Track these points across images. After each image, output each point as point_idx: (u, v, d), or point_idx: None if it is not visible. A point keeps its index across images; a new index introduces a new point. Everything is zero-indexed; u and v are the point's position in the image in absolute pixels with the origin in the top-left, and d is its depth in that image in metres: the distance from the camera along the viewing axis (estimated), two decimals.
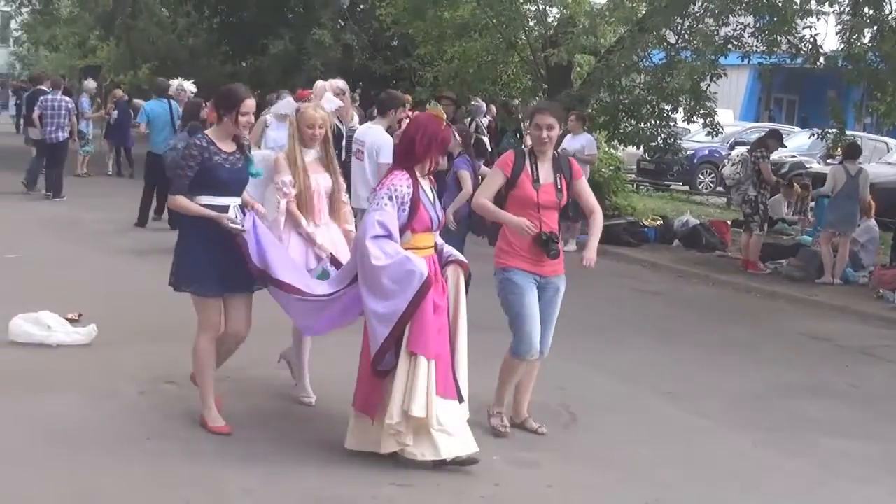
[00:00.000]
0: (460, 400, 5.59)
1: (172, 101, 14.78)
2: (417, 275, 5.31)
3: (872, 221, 14.00)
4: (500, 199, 6.15)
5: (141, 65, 33.59)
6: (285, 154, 6.47)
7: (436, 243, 5.76)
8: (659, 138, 17.14)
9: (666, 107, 16.77)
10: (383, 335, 5.36)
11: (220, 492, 5.18)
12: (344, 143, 9.90)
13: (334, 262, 6.24)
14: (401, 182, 5.52)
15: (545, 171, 6.18)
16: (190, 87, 14.21)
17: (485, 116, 17.57)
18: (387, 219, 5.41)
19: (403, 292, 5.31)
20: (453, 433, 5.48)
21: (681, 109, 16.69)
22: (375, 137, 8.58)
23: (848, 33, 14.03)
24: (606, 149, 19.32)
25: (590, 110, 16.87)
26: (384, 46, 24.24)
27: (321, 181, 6.43)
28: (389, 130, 9.23)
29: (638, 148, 18.10)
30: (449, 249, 5.85)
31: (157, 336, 7.92)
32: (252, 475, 5.35)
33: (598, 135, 17.79)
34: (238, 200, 5.86)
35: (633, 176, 23.64)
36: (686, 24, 15.81)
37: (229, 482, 5.28)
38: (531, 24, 18.10)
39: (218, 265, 5.71)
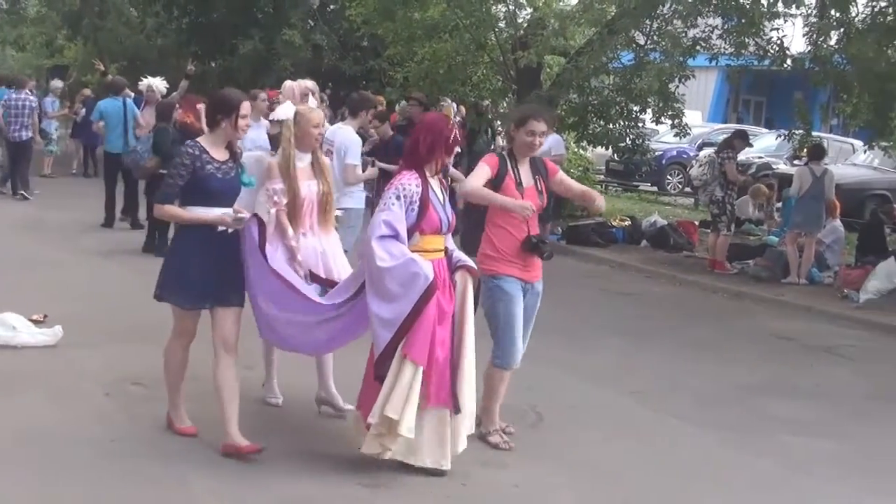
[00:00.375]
0: (456, 410, 5.45)
1: (127, 100, 14.64)
2: (422, 277, 5.20)
3: (838, 222, 14.13)
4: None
5: (109, 65, 33.33)
6: (278, 160, 6.26)
7: (446, 247, 5.63)
8: (627, 139, 17.26)
9: (634, 108, 16.89)
10: (386, 340, 5.26)
11: (188, 493, 5.16)
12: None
13: (313, 279, 6.03)
14: (409, 181, 5.42)
15: (526, 175, 6.12)
16: (161, 85, 14.02)
17: (455, 117, 17.57)
18: (393, 219, 5.29)
19: (407, 295, 5.20)
20: (430, 442, 5.42)
21: (649, 111, 16.80)
22: (344, 138, 8.55)
23: (814, 35, 14.15)
24: (575, 149, 19.40)
25: (559, 111, 16.92)
26: (354, 47, 24.19)
27: (312, 188, 6.25)
28: (360, 131, 9.21)
29: (607, 149, 18.21)
30: (459, 254, 5.69)
31: (124, 337, 7.88)
32: (219, 477, 5.33)
33: (568, 136, 17.86)
34: (230, 212, 5.62)
35: (602, 177, 23.71)
36: (655, 25, 15.88)
37: (195, 483, 5.25)
38: (501, 25, 18.14)
39: (206, 278, 5.55)
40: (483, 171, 5.98)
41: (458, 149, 5.72)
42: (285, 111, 6.36)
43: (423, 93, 16.25)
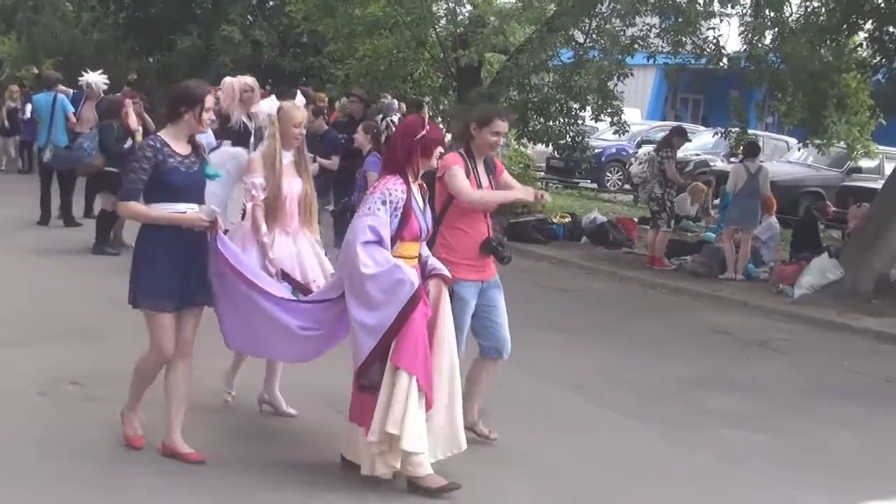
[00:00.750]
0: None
1: (59, 95, 14.38)
2: (408, 284, 5.06)
3: (774, 219, 14.36)
4: (443, 204, 5.93)
5: (44, 60, 32.81)
6: (261, 154, 6.16)
7: (420, 254, 5.47)
8: (567, 136, 17.37)
9: (574, 105, 17.00)
10: (369, 348, 5.09)
11: (128, 495, 5.09)
12: (253, 140, 9.83)
13: (285, 278, 5.91)
14: (395, 187, 5.26)
15: (483, 175, 6.05)
16: (101, 81, 13.77)
17: (395, 114, 17.56)
18: (379, 224, 5.14)
19: (392, 302, 5.05)
20: (442, 432, 5.35)
21: (589, 108, 16.92)
22: None
23: (750, 35, 14.38)
24: (516, 147, 19.49)
25: (499, 109, 16.98)
26: (294, 43, 24.10)
27: (294, 186, 6.14)
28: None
29: (547, 146, 18.31)
30: (433, 262, 5.51)
31: (60, 336, 7.75)
32: (160, 478, 5.27)
33: (508, 133, 17.92)
34: (195, 207, 5.41)
35: (543, 174, 23.85)
36: (594, 24, 16.01)
37: (135, 485, 5.18)
38: (442, 22, 18.16)
39: (176, 277, 5.36)
40: (462, 175, 5.83)
41: (440, 149, 5.54)
42: (269, 106, 6.25)
43: (363, 90, 16.22)
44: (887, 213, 12.46)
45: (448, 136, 6.36)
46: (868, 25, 13.40)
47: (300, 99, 6.62)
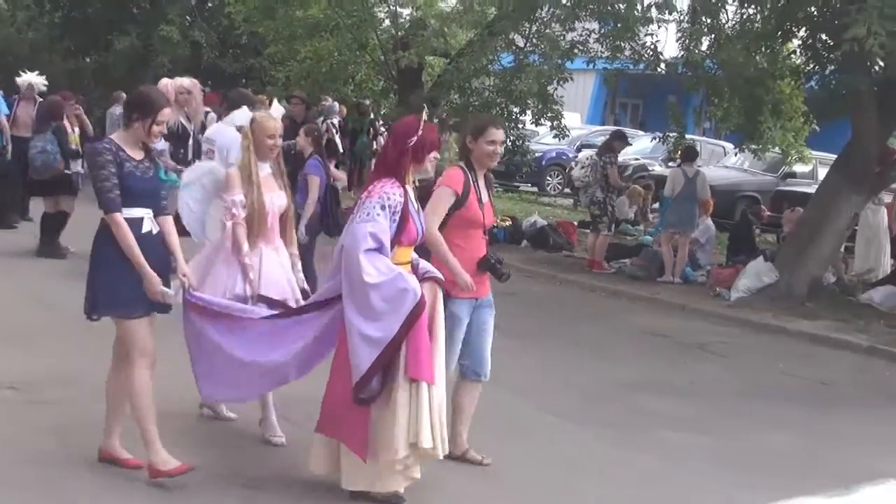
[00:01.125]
0: None
1: None
2: (411, 293, 4.89)
3: (710, 222, 14.56)
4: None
5: None
6: (238, 169, 5.90)
7: (412, 258, 5.30)
8: (508, 140, 17.44)
9: (514, 109, 17.10)
10: (371, 359, 4.87)
11: (66, 499, 5.03)
12: (192, 143, 9.75)
13: (263, 300, 5.70)
14: (393, 190, 5.06)
15: (483, 189, 5.87)
16: (40, 82, 13.52)
17: (336, 117, 17.54)
18: (379, 230, 4.93)
19: (396, 312, 4.87)
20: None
21: (529, 112, 17.03)
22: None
23: (687, 41, 14.56)
24: (457, 150, 19.52)
25: (440, 112, 17.01)
26: (234, 44, 23.91)
27: (275, 200, 5.92)
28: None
29: None
30: (425, 265, 5.32)
31: None
32: (100, 484, 5.21)
33: (449, 137, 17.95)
34: (150, 212, 5.23)
35: None
36: (534, 28, 16.12)
37: (75, 490, 5.12)
38: (383, 25, 18.16)
39: (139, 281, 5.12)
40: (443, 204, 5.63)
41: (435, 154, 5.30)
42: (242, 117, 6.01)
43: (304, 92, 16.16)
44: (820, 217, 12.70)
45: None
46: (801, 33, 13.62)
47: (276, 108, 6.34)
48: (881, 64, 11.68)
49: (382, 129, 20.44)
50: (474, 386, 6.09)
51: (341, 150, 15.68)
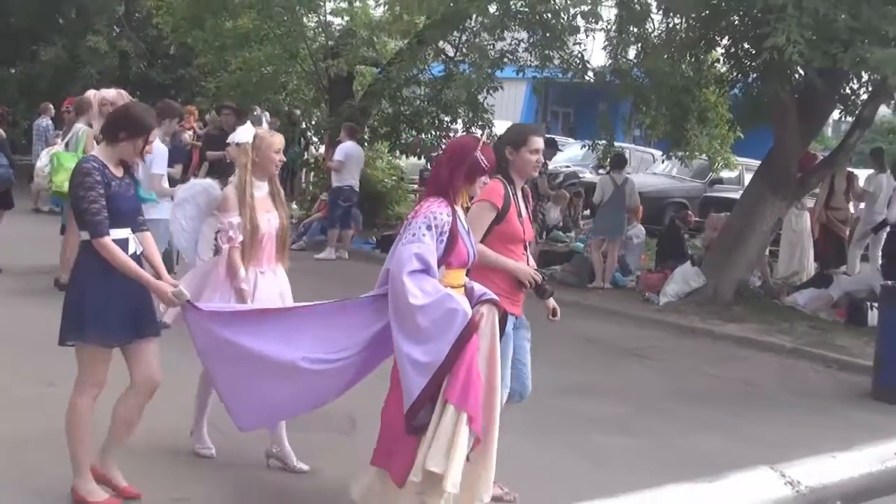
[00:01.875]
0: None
1: None
2: (461, 314, 4.62)
3: (641, 227, 14.76)
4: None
5: None
6: (235, 189, 5.66)
7: (464, 282, 5.03)
8: (440, 149, 17.52)
9: (445, 118, 17.18)
10: (420, 386, 4.63)
11: None
12: None
13: None
14: (440, 210, 4.82)
15: (521, 201, 5.68)
16: None
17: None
18: (425, 251, 4.68)
19: (444, 335, 4.60)
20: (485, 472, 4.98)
21: (460, 120, 17.12)
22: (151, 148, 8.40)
23: (614, 50, 14.76)
24: (389, 159, 19.59)
25: (371, 121, 17.07)
26: (163, 55, 23.71)
27: (273, 221, 5.73)
28: (165, 140, 9.08)
29: (419, 158, 18.45)
30: (480, 288, 5.03)
31: None
32: None
33: (381, 145, 18.03)
34: (130, 231, 5.05)
35: (416, 186, 23.96)
36: (463, 38, 16.22)
37: None
38: (313, 34, 18.15)
39: (126, 308, 4.99)
40: (484, 219, 5.43)
41: (486, 179, 5.06)
42: (245, 134, 5.76)
43: (234, 102, 16.09)
44: (745, 222, 12.95)
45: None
46: (724, 42, 13.89)
47: (247, 129, 6.01)
48: (801, 72, 11.96)
49: (314, 138, 20.42)
50: (508, 406, 5.89)
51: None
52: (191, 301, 5.08)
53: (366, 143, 17.26)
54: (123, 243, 4.99)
